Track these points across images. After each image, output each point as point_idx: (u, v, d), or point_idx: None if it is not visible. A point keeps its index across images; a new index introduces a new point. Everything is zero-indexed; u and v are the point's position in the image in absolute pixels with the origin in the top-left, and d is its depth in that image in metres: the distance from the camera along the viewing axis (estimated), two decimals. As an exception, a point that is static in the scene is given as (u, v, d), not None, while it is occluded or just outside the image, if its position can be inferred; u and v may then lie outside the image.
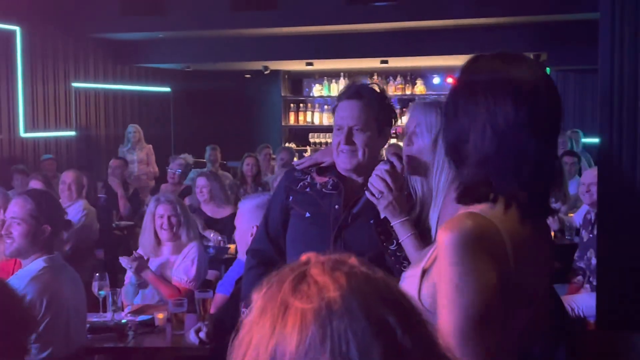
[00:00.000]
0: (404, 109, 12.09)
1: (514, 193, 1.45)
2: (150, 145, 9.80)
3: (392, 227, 2.27)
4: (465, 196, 1.50)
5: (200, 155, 9.82)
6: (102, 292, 3.83)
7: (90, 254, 5.98)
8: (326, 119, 12.30)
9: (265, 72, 11.82)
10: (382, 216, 2.29)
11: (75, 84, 10.32)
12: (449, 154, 1.58)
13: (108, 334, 3.62)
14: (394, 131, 12.03)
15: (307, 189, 2.66)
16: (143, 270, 4.17)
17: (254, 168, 7.84)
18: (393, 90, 11.98)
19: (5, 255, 3.44)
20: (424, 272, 1.56)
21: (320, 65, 11.53)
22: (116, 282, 4.86)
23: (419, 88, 11.97)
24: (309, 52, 10.63)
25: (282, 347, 0.82)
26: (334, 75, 12.21)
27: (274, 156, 9.54)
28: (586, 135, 9.66)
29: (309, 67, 11.57)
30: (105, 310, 3.84)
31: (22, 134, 9.39)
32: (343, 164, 2.57)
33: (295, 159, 8.86)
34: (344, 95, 2.58)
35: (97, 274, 3.88)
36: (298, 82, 12.74)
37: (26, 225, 3.20)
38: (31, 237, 3.20)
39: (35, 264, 3.21)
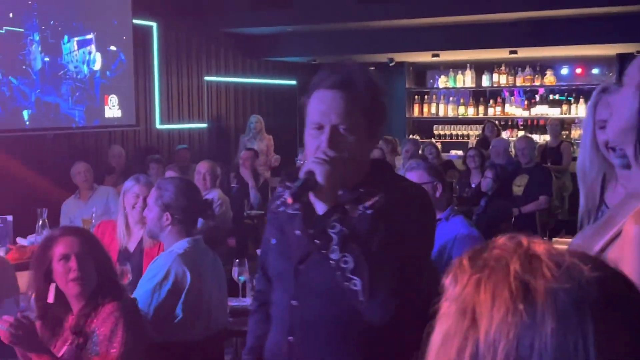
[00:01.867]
0: (532, 101, 11.80)
1: None
2: (271, 136, 10.00)
3: (331, 228, 1.84)
4: None
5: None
6: (242, 278, 3.96)
7: (223, 242, 6.18)
8: (451, 111, 12.19)
9: (390, 64, 11.81)
10: (321, 212, 1.87)
11: (207, 78, 10.67)
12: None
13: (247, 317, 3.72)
14: (522, 122, 11.77)
15: (281, 209, 2.11)
16: None
17: (381, 160, 7.87)
18: (521, 81, 11.72)
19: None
20: (600, 253, 1.44)
21: (446, 56, 11.42)
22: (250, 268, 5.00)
23: (549, 79, 11.64)
24: (435, 43, 10.55)
25: (532, 332, 0.76)
26: (459, 66, 12.06)
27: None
28: None
29: (435, 59, 11.47)
30: (244, 295, 3.96)
31: (158, 125, 9.81)
32: (324, 172, 1.91)
33: (420, 151, 8.82)
34: (324, 82, 1.98)
35: (237, 260, 4.00)
36: (422, 73, 12.66)
37: (151, 212, 3.37)
38: (157, 222, 3.36)
39: (179, 244, 3.34)
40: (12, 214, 5.41)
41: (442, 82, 12.28)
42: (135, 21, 9.12)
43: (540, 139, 10.67)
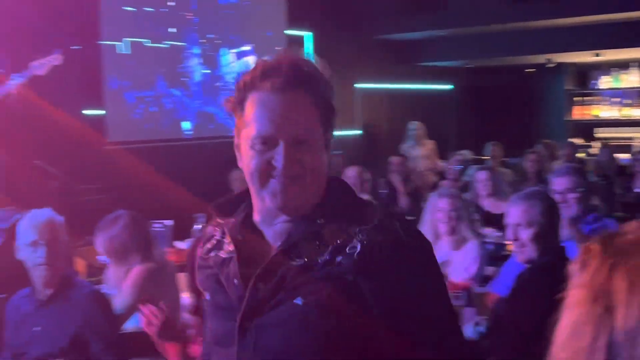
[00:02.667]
0: None
1: None
2: (433, 141, 9.98)
3: None
4: None
5: (481, 152, 9.77)
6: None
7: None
8: (615, 112, 11.63)
9: (548, 66, 11.42)
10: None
11: (359, 85, 10.76)
12: None
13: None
14: None
15: (212, 254, 1.59)
16: None
17: (536, 165, 7.64)
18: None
19: None
20: None
21: (609, 55, 10.89)
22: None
23: None
24: (597, 41, 10.08)
25: None
26: (624, 65, 11.47)
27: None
28: None
29: (597, 58, 10.97)
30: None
31: (312, 133, 10.00)
32: (280, 201, 1.47)
33: (578, 155, 8.47)
34: (267, 82, 1.49)
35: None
36: (583, 74, 12.15)
37: None
38: None
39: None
40: (172, 219, 5.69)
41: (605, 82, 11.73)
42: (288, 32, 9.36)
43: None
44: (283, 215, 1.49)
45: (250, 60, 8.89)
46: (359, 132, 10.79)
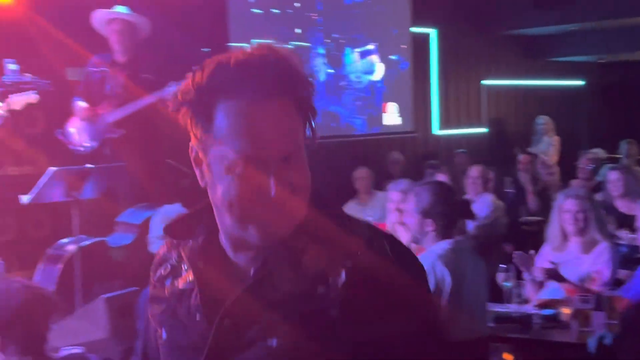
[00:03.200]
0: None
1: None
2: (558, 137, 9.73)
3: None
4: None
5: (616, 150, 9.39)
6: (507, 284, 3.89)
7: (497, 248, 6.08)
8: None
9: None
10: None
11: (486, 82, 10.56)
12: None
13: (511, 324, 3.66)
14: None
15: (167, 282, 1.36)
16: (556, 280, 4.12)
17: (675, 163, 7.29)
18: None
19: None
20: None
21: None
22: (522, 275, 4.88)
23: None
24: None
25: None
26: None
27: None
28: None
29: None
30: (509, 302, 3.89)
31: (436, 131, 9.91)
32: (269, 234, 1.21)
33: None
34: (242, 87, 1.18)
35: (504, 266, 3.95)
36: None
37: (412, 218, 3.44)
38: (420, 229, 3.42)
39: (439, 245, 3.38)
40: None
41: None
42: (413, 29, 9.31)
43: None
44: (263, 244, 1.23)
45: (374, 59, 8.92)
46: (484, 129, 10.58)
